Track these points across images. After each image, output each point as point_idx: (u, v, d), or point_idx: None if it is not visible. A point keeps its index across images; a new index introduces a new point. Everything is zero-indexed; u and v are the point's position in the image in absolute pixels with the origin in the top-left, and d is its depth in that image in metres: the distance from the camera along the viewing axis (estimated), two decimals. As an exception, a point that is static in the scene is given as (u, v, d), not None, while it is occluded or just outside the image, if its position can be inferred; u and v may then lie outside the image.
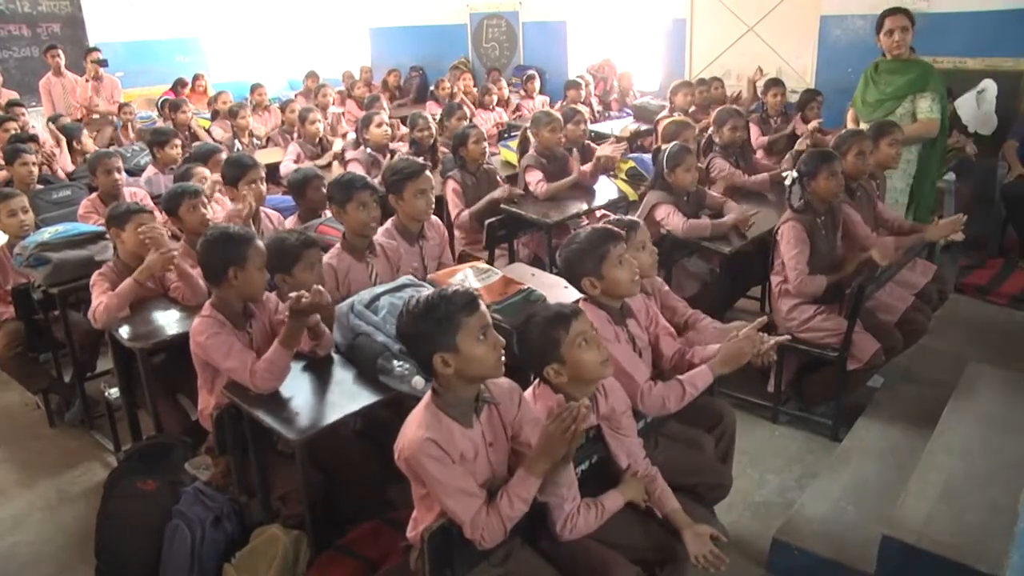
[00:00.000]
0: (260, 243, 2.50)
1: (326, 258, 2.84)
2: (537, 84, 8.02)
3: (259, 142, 6.45)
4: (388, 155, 4.92)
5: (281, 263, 2.65)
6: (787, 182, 3.35)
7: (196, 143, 5.64)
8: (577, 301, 2.32)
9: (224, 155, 4.22)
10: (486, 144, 4.42)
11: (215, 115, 6.94)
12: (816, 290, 3.17)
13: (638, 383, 2.22)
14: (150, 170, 4.88)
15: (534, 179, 4.32)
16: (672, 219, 3.53)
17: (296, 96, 8.40)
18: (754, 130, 5.48)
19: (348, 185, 2.93)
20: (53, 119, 6.28)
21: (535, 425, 1.91)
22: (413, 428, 1.78)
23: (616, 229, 2.33)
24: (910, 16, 3.96)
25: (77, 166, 5.21)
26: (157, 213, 4.10)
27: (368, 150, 4.90)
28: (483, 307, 1.81)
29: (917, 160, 4.12)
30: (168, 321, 2.88)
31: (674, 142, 3.79)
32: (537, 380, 2.07)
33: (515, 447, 1.93)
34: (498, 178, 4.47)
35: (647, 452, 2.20)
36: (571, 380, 1.97)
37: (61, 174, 5.27)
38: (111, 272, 3.01)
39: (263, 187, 3.60)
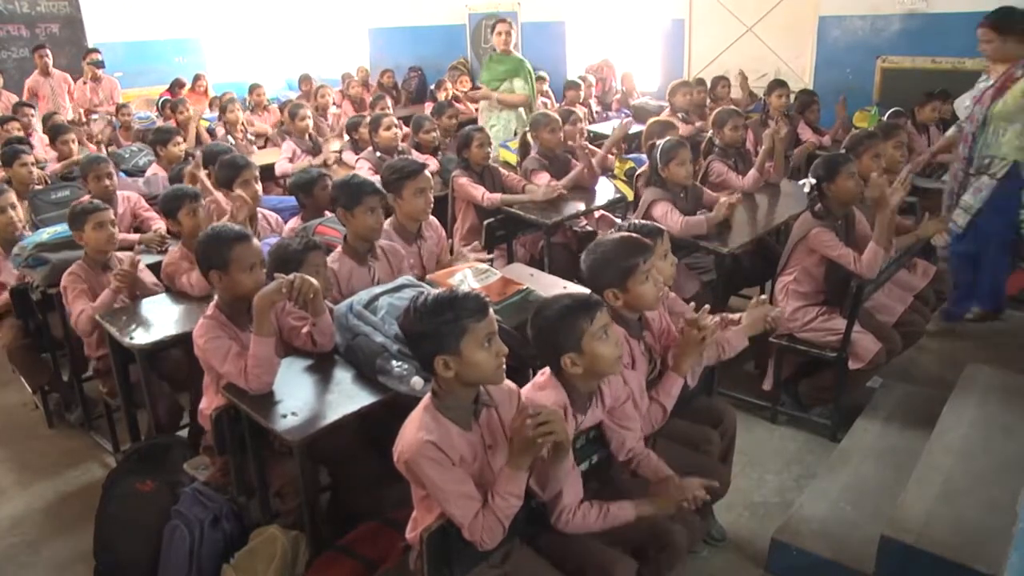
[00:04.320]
0: (252, 244, 2.45)
1: (328, 261, 2.83)
2: (547, 85, 8.01)
3: (252, 137, 6.46)
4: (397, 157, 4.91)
5: (284, 268, 2.63)
6: (805, 189, 3.35)
7: (203, 145, 5.64)
8: None
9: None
10: (490, 148, 4.43)
11: (221, 115, 6.97)
12: (878, 260, 3.08)
13: (641, 410, 2.23)
14: (153, 169, 4.88)
15: (542, 181, 4.32)
16: (670, 218, 3.53)
17: (297, 98, 8.41)
18: (750, 136, 5.42)
19: (358, 189, 2.88)
20: (46, 118, 6.28)
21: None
22: (412, 430, 1.78)
23: (647, 241, 2.27)
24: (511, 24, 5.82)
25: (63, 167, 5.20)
26: (154, 212, 4.13)
27: (378, 153, 4.90)
28: (492, 314, 1.80)
29: (518, 122, 5.70)
30: (167, 321, 2.88)
31: (668, 137, 3.80)
32: (543, 371, 2.05)
33: None
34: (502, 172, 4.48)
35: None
36: (584, 372, 1.95)
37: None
38: (81, 270, 3.05)
39: (258, 187, 3.59)
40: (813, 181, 3.27)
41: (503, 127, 5.72)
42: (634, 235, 2.32)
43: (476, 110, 5.93)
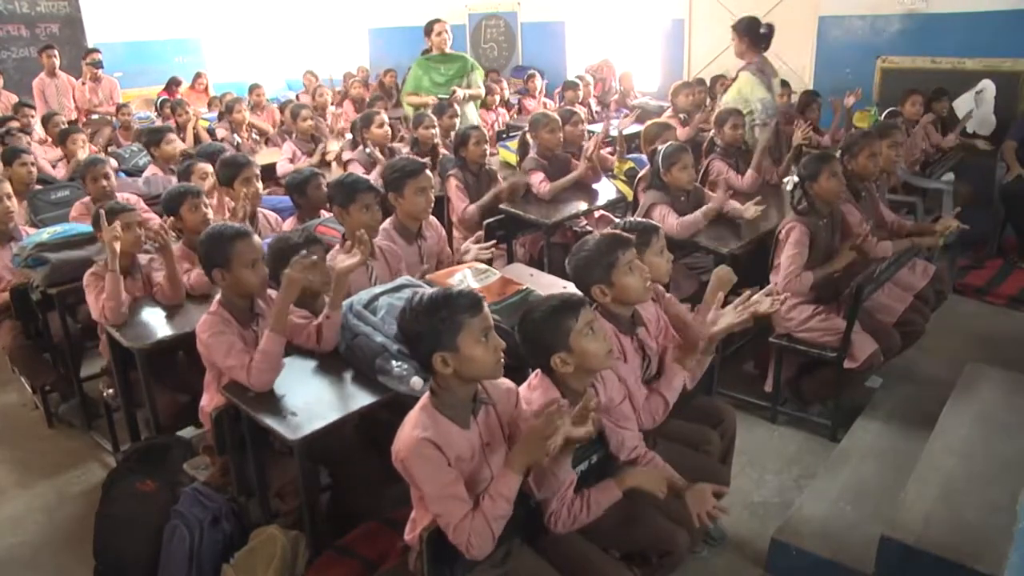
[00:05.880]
0: (252, 240, 2.45)
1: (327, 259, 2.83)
2: (539, 83, 8.03)
3: (256, 137, 6.46)
4: (388, 155, 4.91)
5: (285, 262, 2.64)
6: (788, 187, 3.36)
7: (200, 144, 5.64)
8: None
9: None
10: (487, 146, 4.44)
11: (220, 116, 6.97)
12: (803, 288, 3.16)
13: (637, 405, 2.23)
14: (150, 169, 4.88)
15: (536, 180, 4.32)
16: (667, 220, 3.53)
17: (297, 96, 8.42)
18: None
19: (352, 187, 2.91)
20: (47, 118, 6.29)
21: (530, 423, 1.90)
22: (409, 429, 1.78)
23: (625, 235, 2.29)
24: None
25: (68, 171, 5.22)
26: (153, 214, 4.13)
27: (367, 150, 4.90)
28: (486, 309, 1.81)
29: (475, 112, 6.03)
30: (167, 321, 2.88)
31: (666, 138, 3.81)
32: (536, 372, 2.06)
33: (510, 447, 1.92)
34: (499, 178, 4.48)
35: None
36: (575, 370, 1.96)
37: (52, 169, 5.29)
38: (103, 270, 2.97)
39: (259, 185, 3.60)
40: (796, 178, 3.30)
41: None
42: (614, 231, 2.34)
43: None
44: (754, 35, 4.57)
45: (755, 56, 4.60)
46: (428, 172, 3.13)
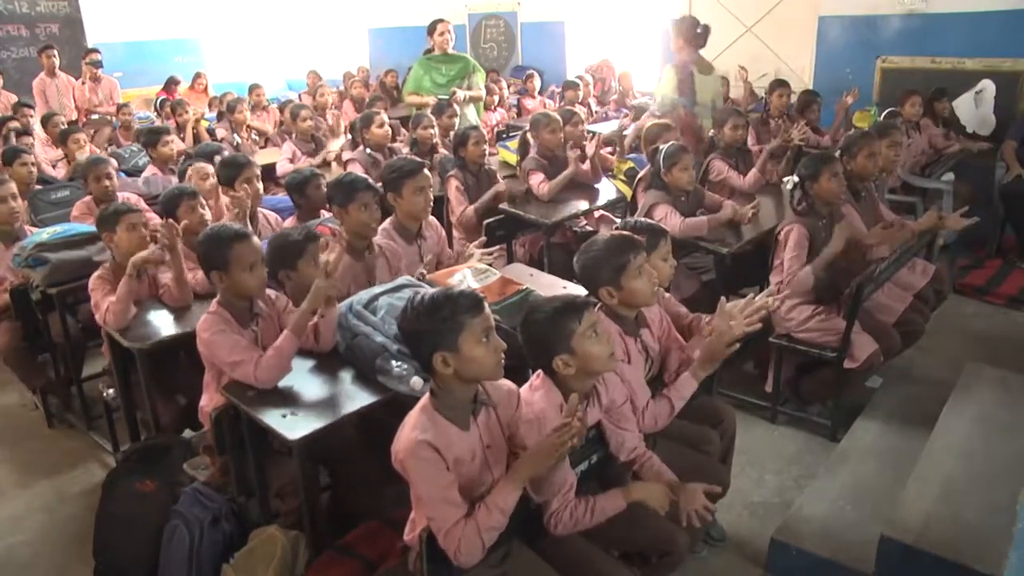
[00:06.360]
0: (251, 243, 2.43)
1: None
2: (538, 83, 8.02)
3: (257, 138, 6.47)
4: (388, 155, 4.91)
5: (283, 259, 2.65)
6: (788, 187, 3.36)
7: (199, 144, 5.64)
8: None
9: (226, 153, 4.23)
10: (486, 146, 4.44)
11: (220, 116, 6.97)
12: (806, 285, 3.17)
13: (638, 406, 2.23)
14: (150, 169, 4.88)
15: (536, 181, 4.32)
16: (670, 219, 3.53)
17: (300, 96, 8.42)
18: (751, 136, 5.41)
19: (350, 186, 2.92)
20: (46, 119, 6.29)
21: (531, 426, 1.90)
22: (408, 430, 1.78)
23: (637, 238, 2.28)
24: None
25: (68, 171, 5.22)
26: (154, 214, 4.12)
27: (368, 150, 4.90)
28: (487, 309, 1.81)
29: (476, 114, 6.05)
30: (167, 321, 2.88)
31: (666, 139, 3.81)
32: (537, 373, 2.06)
33: (511, 448, 1.92)
34: (499, 178, 4.49)
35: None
36: (577, 372, 1.95)
37: (49, 170, 5.29)
38: (108, 273, 2.98)
39: (259, 185, 3.61)
40: (796, 179, 3.30)
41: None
42: (624, 232, 2.33)
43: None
44: (689, 34, 4.82)
45: (687, 54, 4.82)
46: (427, 171, 3.13)
